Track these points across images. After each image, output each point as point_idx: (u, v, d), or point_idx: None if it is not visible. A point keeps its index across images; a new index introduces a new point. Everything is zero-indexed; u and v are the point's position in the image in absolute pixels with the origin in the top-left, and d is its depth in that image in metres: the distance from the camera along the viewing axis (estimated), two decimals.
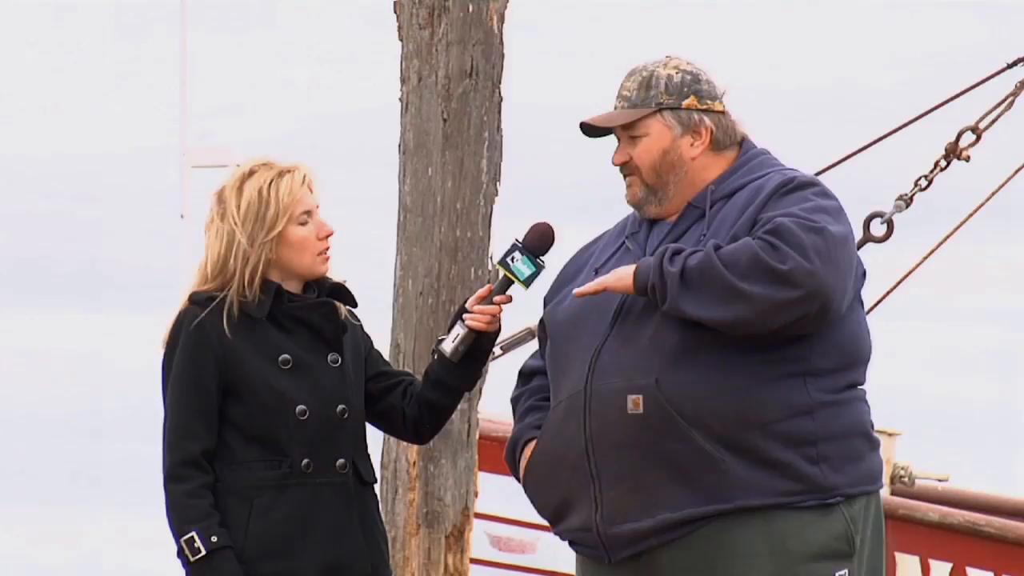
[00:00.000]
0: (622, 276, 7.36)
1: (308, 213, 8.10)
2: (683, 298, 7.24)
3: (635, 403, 7.30)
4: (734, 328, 7.20)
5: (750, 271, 7.25)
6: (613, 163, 7.72)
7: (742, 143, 7.77)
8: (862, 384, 7.63)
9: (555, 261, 8.06)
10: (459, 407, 8.86)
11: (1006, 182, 13.61)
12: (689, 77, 7.70)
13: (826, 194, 7.63)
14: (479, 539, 11.65)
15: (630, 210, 7.74)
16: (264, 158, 8.16)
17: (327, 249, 8.17)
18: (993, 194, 13.48)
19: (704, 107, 7.69)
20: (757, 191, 7.57)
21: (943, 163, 13.21)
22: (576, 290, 7.44)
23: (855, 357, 7.57)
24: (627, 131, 7.68)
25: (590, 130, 7.71)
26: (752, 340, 7.35)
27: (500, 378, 9.34)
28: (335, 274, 8.19)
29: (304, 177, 8.13)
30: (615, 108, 7.75)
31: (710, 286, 7.27)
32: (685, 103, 7.63)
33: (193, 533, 7.76)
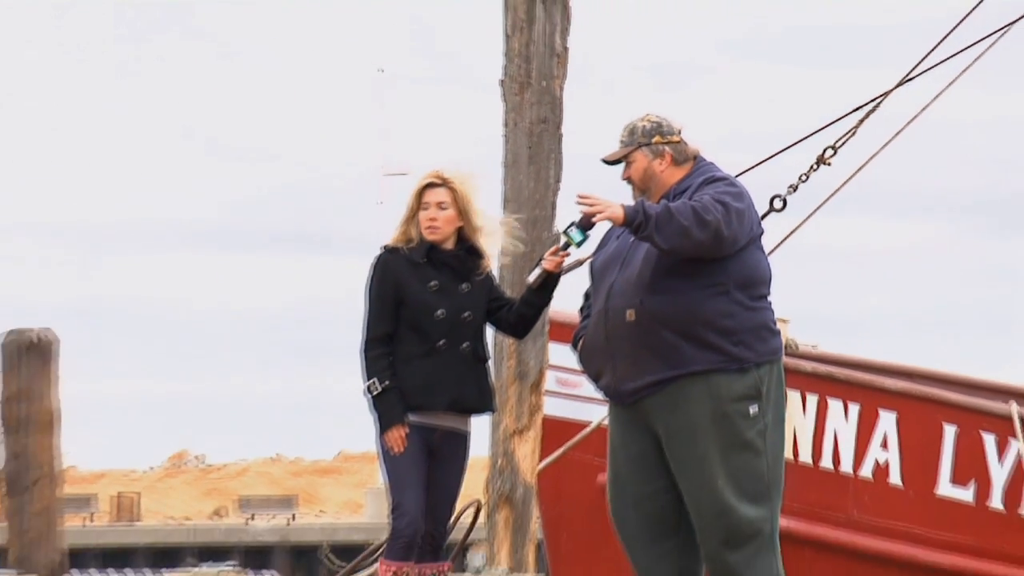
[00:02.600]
0: (615, 209, 10.11)
1: (424, 204, 11.03)
2: (658, 231, 10.03)
3: (630, 315, 10.34)
4: (676, 252, 10.13)
5: (690, 220, 10.09)
6: (626, 177, 10.66)
7: (696, 158, 10.73)
8: (767, 296, 10.64)
9: (596, 235, 10.70)
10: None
11: (849, 179, 16.82)
12: (652, 125, 10.63)
13: (733, 184, 10.67)
14: (551, 382, 14.25)
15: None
16: (424, 170, 11.26)
17: (431, 225, 10.98)
18: (842, 185, 16.76)
19: (665, 140, 10.60)
20: (696, 188, 10.49)
21: (815, 166, 16.52)
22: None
23: (759, 279, 10.57)
24: (624, 160, 10.67)
25: (607, 162, 10.76)
26: (693, 272, 10.28)
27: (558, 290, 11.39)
28: (480, 239, 11.12)
29: (424, 181, 11.10)
30: (619, 147, 10.69)
31: (669, 225, 10.07)
32: (654, 140, 10.58)
33: (374, 380, 10.83)
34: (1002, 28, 17.21)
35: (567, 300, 11.75)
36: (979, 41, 17.14)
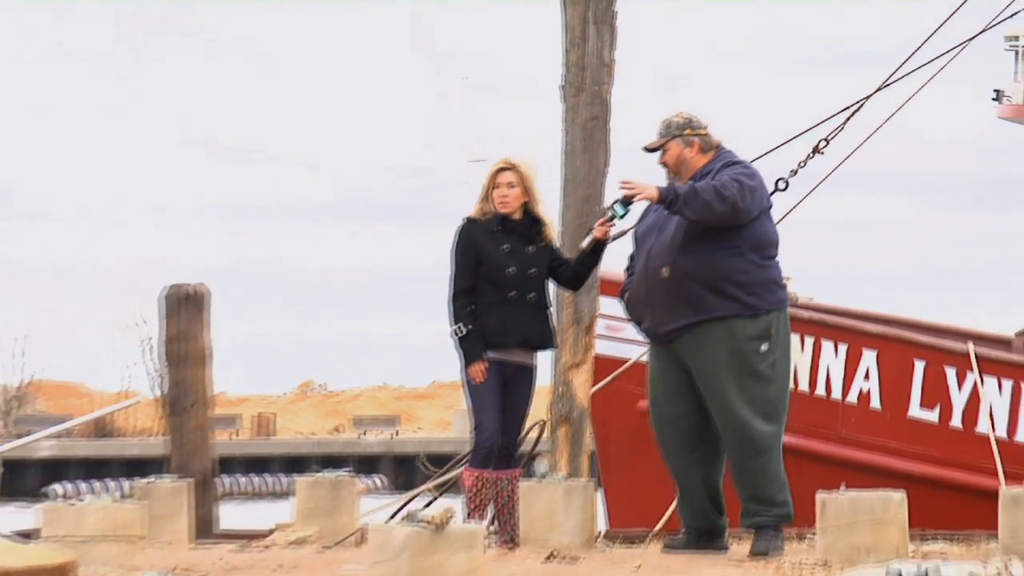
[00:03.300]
0: (651, 191, 10.32)
1: (496, 184, 11.02)
2: (684, 208, 10.31)
3: (665, 272, 10.56)
4: (701, 222, 10.34)
5: (712, 196, 10.32)
6: (663, 162, 10.80)
7: (718, 147, 10.87)
8: (775, 256, 10.83)
9: (635, 210, 10.99)
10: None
11: (839, 165, 16.76)
12: (684, 120, 10.80)
13: (747, 167, 10.94)
14: (600, 327, 13.86)
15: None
16: (499, 156, 11.21)
17: (502, 200, 10.95)
18: (833, 170, 16.68)
19: (695, 132, 10.76)
20: (717, 171, 10.59)
21: (811, 155, 16.38)
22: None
23: (768, 243, 10.76)
24: (662, 148, 10.82)
25: (647, 149, 10.93)
26: (715, 237, 10.42)
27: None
28: (541, 211, 11.13)
29: (497, 166, 11.08)
30: (657, 137, 10.84)
31: (695, 201, 10.31)
32: (685, 132, 10.74)
33: (460, 324, 10.88)
34: (959, 45, 17.17)
35: (614, 262, 11.82)
36: (940, 56, 17.04)
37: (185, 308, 15.20)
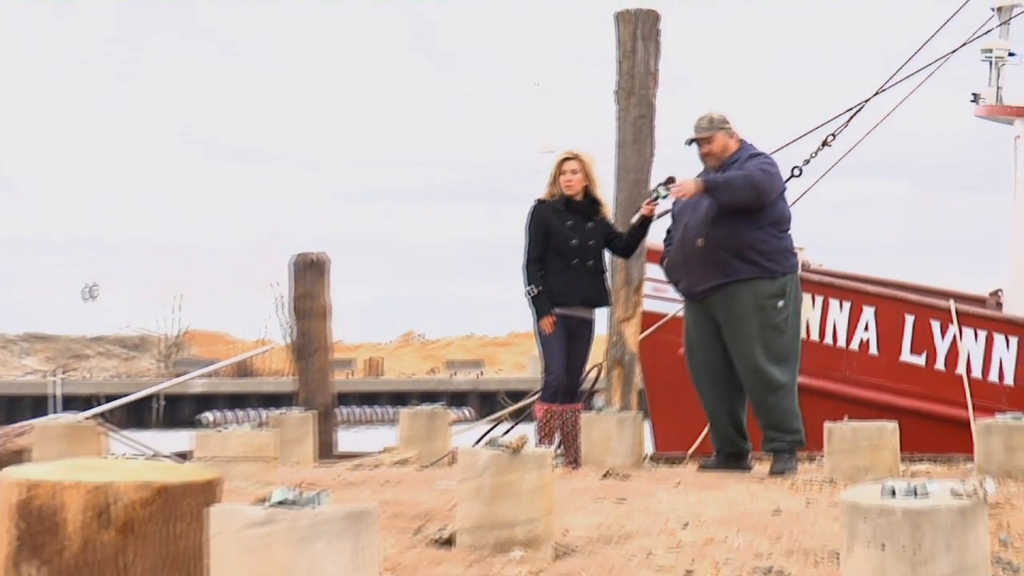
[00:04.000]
0: (694, 188, 10.24)
1: (562, 170, 10.90)
2: (719, 194, 10.30)
3: (700, 242, 10.46)
4: (735, 206, 10.26)
5: (742, 183, 10.31)
6: (703, 152, 10.64)
7: (741, 140, 10.76)
8: (788, 230, 10.76)
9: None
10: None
11: (844, 155, 16.93)
12: (721, 117, 10.67)
13: (768, 157, 10.90)
14: (647, 288, 13.36)
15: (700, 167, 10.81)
16: (564, 147, 11.16)
17: (567, 184, 10.83)
18: (839, 160, 16.83)
19: (728, 127, 10.67)
20: (744, 160, 10.55)
21: (821, 147, 16.33)
22: (673, 188, 10.33)
23: (784, 219, 10.70)
24: (707, 139, 10.63)
25: (692, 141, 10.71)
26: (741, 214, 10.33)
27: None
28: (598, 193, 11.03)
29: (563, 156, 10.99)
30: (700, 130, 10.65)
31: (728, 190, 10.31)
32: (725, 126, 10.64)
33: (532, 286, 10.79)
34: (943, 56, 17.18)
35: (658, 235, 11.66)
36: (928, 65, 17.02)
37: (309, 272, 15.28)
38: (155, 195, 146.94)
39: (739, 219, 10.33)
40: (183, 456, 11.58)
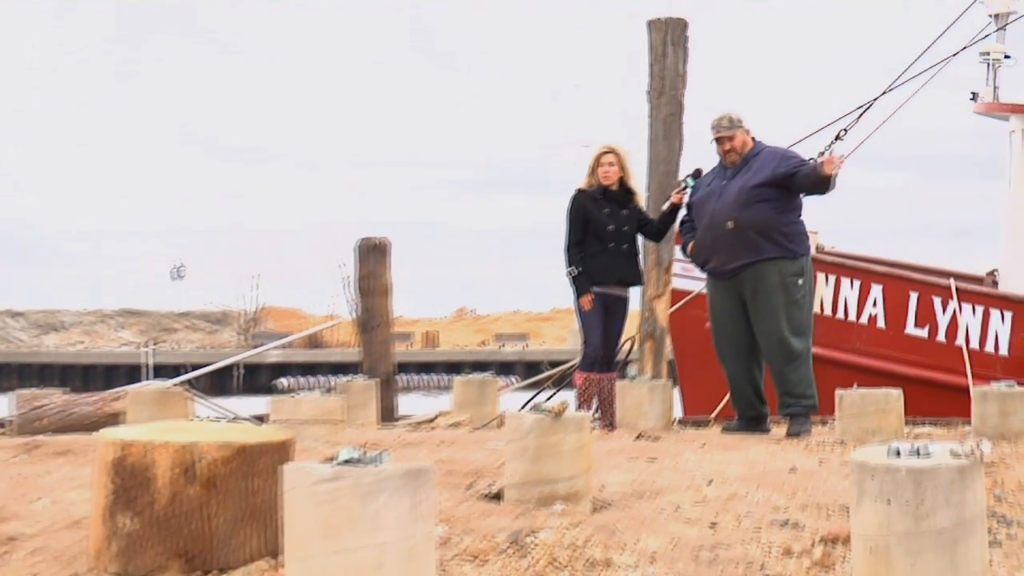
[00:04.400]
0: (831, 169, 10.04)
1: (601, 162, 10.84)
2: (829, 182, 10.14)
3: (730, 224, 10.30)
4: (814, 191, 10.25)
5: (808, 176, 10.23)
6: (726, 148, 10.45)
7: (754, 137, 10.57)
8: (802, 216, 10.51)
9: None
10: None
11: (855, 148, 16.51)
12: (739, 116, 10.50)
13: (796, 154, 10.75)
14: (676, 268, 14.10)
15: (717, 161, 10.63)
16: (602, 142, 11.05)
17: (605, 175, 10.78)
18: (851, 152, 15.96)
19: (743, 125, 10.48)
20: (774, 154, 10.42)
21: (834, 141, 16.20)
22: (833, 166, 10.06)
23: (800, 206, 10.47)
24: (730, 137, 10.46)
25: (723, 137, 10.47)
26: (767, 199, 10.20)
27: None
28: (632, 183, 10.92)
29: (602, 149, 10.91)
30: (722, 127, 10.48)
31: (808, 179, 10.20)
32: (741, 125, 10.48)
33: (573, 267, 10.75)
34: (945, 59, 17.12)
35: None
36: (932, 67, 16.96)
37: (372, 255, 15.31)
38: (231, 186, 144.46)
39: (766, 204, 10.25)
40: (260, 419, 11.63)
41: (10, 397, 13.11)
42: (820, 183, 10.14)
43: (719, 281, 10.54)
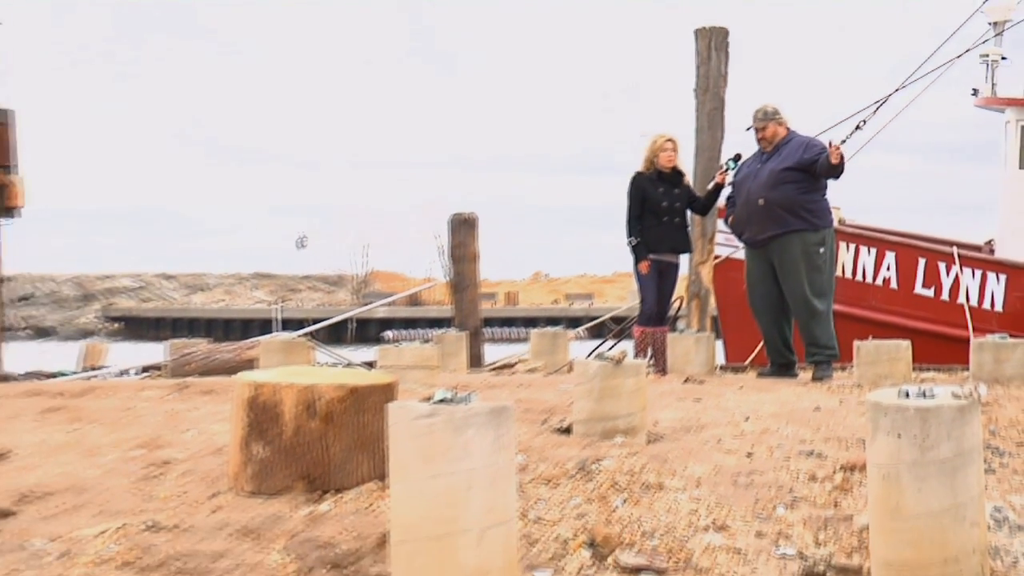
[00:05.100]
0: (837, 158, 9.80)
1: (663, 148, 10.75)
2: (839, 167, 9.88)
3: (761, 202, 10.18)
4: (831, 176, 9.98)
5: (823, 164, 9.95)
6: (761, 136, 10.32)
7: (788, 128, 10.42)
8: (825, 194, 10.32)
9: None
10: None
11: (871, 138, 16.81)
12: (774, 108, 10.36)
13: (820, 142, 10.37)
14: (718, 237, 14.07)
15: (755, 148, 10.49)
16: (660, 132, 10.97)
17: (668, 159, 10.72)
18: (868, 141, 16.70)
19: (778, 117, 10.35)
20: (801, 143, 10.25)
21: (854, 131, 16.31)
22: (837, 154, 9.77)
23: (824, 186, 10.26)
24: (763, 127, 10.35)
25: (758, 127, 10.36)
26: (794, 180, 10.07)
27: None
28: (682, 167, 10.91)
29: (662, 138, 10.81)
30: (757, 119, 10.35)
31: (823, 166, 9.93)
32: (777, 117, 10.34)
33: (632, 237, 10.69)
34: (949, 61, 17.15)
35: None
36: (938, 68, 17.00)
37: (463, 227, 15.37)
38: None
39: (793, 185, 10.09)
40: (369, 365, 11.72)
41: (165, 346, 13.31)
42: (832, 169, 9.97)
43: (753, 249, 10.43)
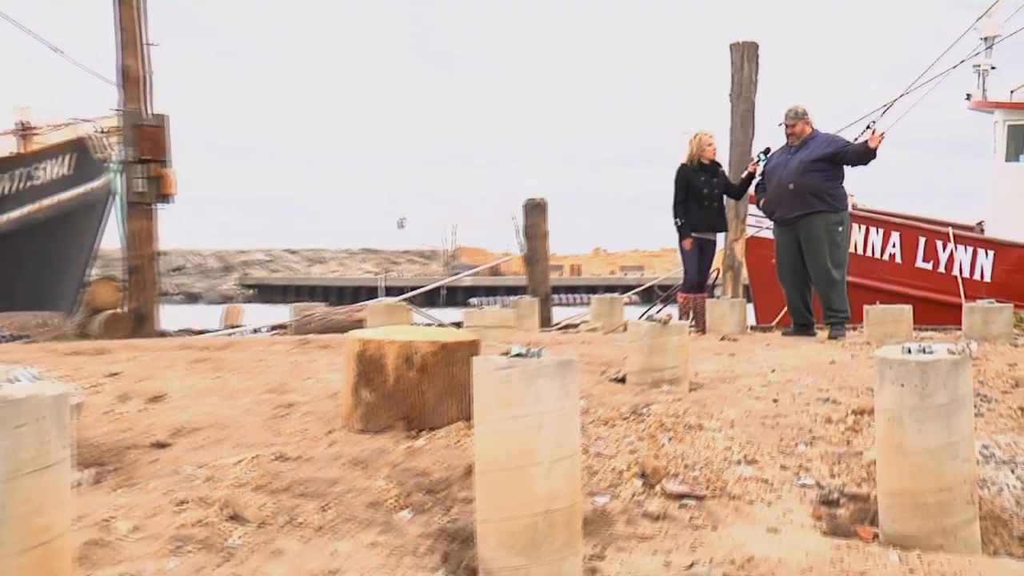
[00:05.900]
0: (876, 144, 9.68)
1: (709, 144, 10.59)
2: (867, 155, 9.75)
3: (791, 186, 9.93)
4: (858, 164, 9.78)
5: (856, 151, 9.85)
6: (791, 132, 10.05)
7: (813, 126, 10.16)
8: (843, 182, 10.06)
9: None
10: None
11: (887, 131, 16.66)
12: (803, 109, 10.09)
13: (841, 138, 10.26)
14: (750, 219, 14.15)
15: (782, 142, 10.25)
16: (701, 128, 10.78)
17: (712, 152, 10.58)
18: (889, 128, 16.22)
19: (806, 117, 10.11)
20: (825, 139, 10.03)
21: (864, 131, 15.10)
22: (877, 143, 9.62)
23: (843, 175, 10.01)
24: (793, 125, 10.10)
25: (789, 125, 10.11)
26: (818, 170, 9.82)
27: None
28: (718, 159, 10.74)
29: (707, 135, 10.65)
30: (788, 118, 10.07)
31: (856, 153, 9.80)
32: (805, 117, 10.07)
33: (678, 219, 10.41)
34: (945, 71, 16.80)
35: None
36: (936, 76, 16.62)
37: (535, 210, 15.38)
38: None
39: (818, 174, 9.89)
40: (458, 325, 11.76)
41: (289, 308, 13.46)
42: (866, 154, 9.75)
43: (782, 227, 10.27)
